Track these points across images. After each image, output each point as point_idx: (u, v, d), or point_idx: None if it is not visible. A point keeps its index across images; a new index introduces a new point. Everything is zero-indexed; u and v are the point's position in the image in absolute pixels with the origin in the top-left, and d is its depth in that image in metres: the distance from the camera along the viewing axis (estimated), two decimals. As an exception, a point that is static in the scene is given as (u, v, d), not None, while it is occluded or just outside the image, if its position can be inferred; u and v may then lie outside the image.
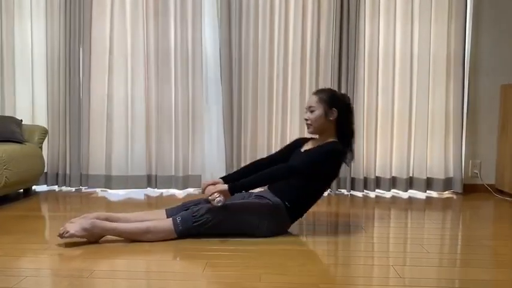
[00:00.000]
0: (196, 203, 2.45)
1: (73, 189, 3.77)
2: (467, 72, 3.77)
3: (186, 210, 2.38)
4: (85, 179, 3.77)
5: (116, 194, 3.64)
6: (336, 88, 3.67)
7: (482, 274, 1.89)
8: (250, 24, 3.68)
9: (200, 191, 2.63)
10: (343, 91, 3.68)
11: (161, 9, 3.69)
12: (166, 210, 2.47)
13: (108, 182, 3.76)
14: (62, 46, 3.73)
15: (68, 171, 3.77)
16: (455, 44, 3.68)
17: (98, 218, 2.28)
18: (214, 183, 2.41)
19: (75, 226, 2.18)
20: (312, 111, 2.47)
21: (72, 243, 2.20)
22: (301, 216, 2.49)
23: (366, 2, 3.67)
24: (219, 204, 2.23)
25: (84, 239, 2.20)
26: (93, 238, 2.22)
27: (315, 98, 2.48)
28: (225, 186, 2.28)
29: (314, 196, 2.47)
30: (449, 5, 3.67)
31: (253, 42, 3.69)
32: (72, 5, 3.68)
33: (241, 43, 3.69)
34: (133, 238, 2.26)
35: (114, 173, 3.76)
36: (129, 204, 3.27)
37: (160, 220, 2.34)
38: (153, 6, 3.69)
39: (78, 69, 3.73)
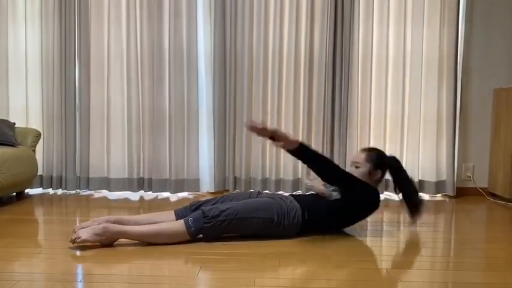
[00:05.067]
0: (204, 203, 2.47)
1: (68, 192, 3.77)
2: (460, 76, 3.80)
3: (195, 210, 2.40)
4: (82, 181, 3.76)
5: (110, 197, 3.63)
6: (329, 91, 3.70)
7: (475, 277, 1.90)
8: (245, 28, 3.69)
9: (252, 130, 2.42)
10: (336, 94, 3.70)
11: (155, 11, 3.68)
12: (175, 211, 2.49)
13: (103, 184, 3.77)
14: (57, 48, 3.73)
15: (63, 174, 3.77)
16: (447, 47, 3.71)
17: (108, 221, 2.30)
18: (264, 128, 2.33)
19: (87, 232, 2.18)
20: (356, 167, 2.53)
21: (66, 247, 2.19)
22: (307, 232, 2.46)
23: (360, 6, 3.69)
24: (333, 198, 2.40)
25: (97, 243, 2.20)
26: (106, 242, 2.21)
27: (362, 156, 2.55)
28: (296, 139, 2.35)
29: (331, 225, 2.52)
30: (441, 8, 3.70)
31: (248, 45, 3.70)
32: (68, 7, 3.68)
33: (236, 47, 3.71)
34: (146, 241, 2.26)
35: (109, 175, 3.77)
36: (125, 208, 3.25)
37: (172, 222, 2.34)
38: (147, 8, 3.69)
39: (74, 72, 3.72)
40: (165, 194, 3.76)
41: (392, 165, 2.58)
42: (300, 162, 3.69)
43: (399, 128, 3.76)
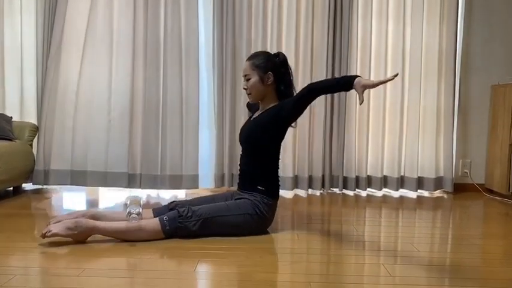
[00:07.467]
0: (182, 203, 2.43)
1: (64, 186, 3.72)
2: (459, 72, 3.80)
3: (172, 209, 2.35)
4: (77, 176, 3.66)
5: (100, 193, 3.62)
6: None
7: (472, 273, 1.91)
8: (243, 24, 3.64)
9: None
10: (335, 90, 3.68)
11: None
12: (153, 209, 2.45)
13: (95, 179, 3.64)
14: (46, 38, 3.63)
15: (52, 168, 3.65)
16: (446, 43, 3.70)
17: (84, 216, 2.24)
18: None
19: (59, 226, 2.12)
20: (248, 80, 2.41)
21: (62, 242, 2.18)
22: (279, 187, 2.45)
23: (359, 1, 3.68)
24: (134, 221, 2.18)
25: (69, 239, 2.14)
26: (78, 238, 2.15)
27: (248, 65, 2.41)
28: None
29: (275, 163, 2.44)
30: (441, 4, 3.69)
31: (246, 39, 3.65)
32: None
33: (235, 40, 3.65)
34: (120, 237, 2.22)
35: (99, 169, 3.65)
36: (111, 202, 3.25)
37: (147, 220, 2.28)
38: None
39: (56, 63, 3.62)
40: (156, 191, 3.65)
41: (279, 62, 2.42)
42: (296, 158, 3.74)
43: (398, 125, 3.75)
